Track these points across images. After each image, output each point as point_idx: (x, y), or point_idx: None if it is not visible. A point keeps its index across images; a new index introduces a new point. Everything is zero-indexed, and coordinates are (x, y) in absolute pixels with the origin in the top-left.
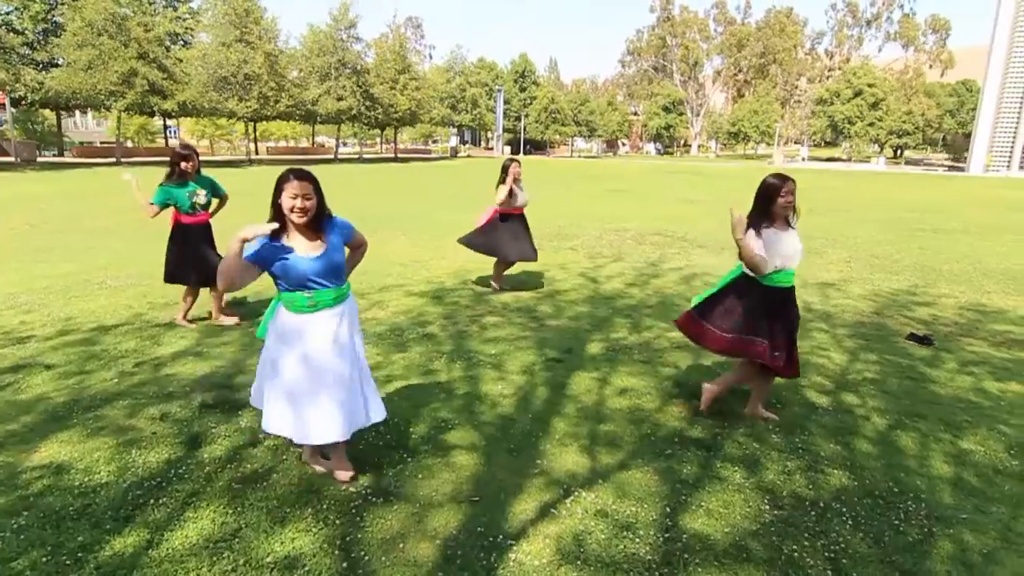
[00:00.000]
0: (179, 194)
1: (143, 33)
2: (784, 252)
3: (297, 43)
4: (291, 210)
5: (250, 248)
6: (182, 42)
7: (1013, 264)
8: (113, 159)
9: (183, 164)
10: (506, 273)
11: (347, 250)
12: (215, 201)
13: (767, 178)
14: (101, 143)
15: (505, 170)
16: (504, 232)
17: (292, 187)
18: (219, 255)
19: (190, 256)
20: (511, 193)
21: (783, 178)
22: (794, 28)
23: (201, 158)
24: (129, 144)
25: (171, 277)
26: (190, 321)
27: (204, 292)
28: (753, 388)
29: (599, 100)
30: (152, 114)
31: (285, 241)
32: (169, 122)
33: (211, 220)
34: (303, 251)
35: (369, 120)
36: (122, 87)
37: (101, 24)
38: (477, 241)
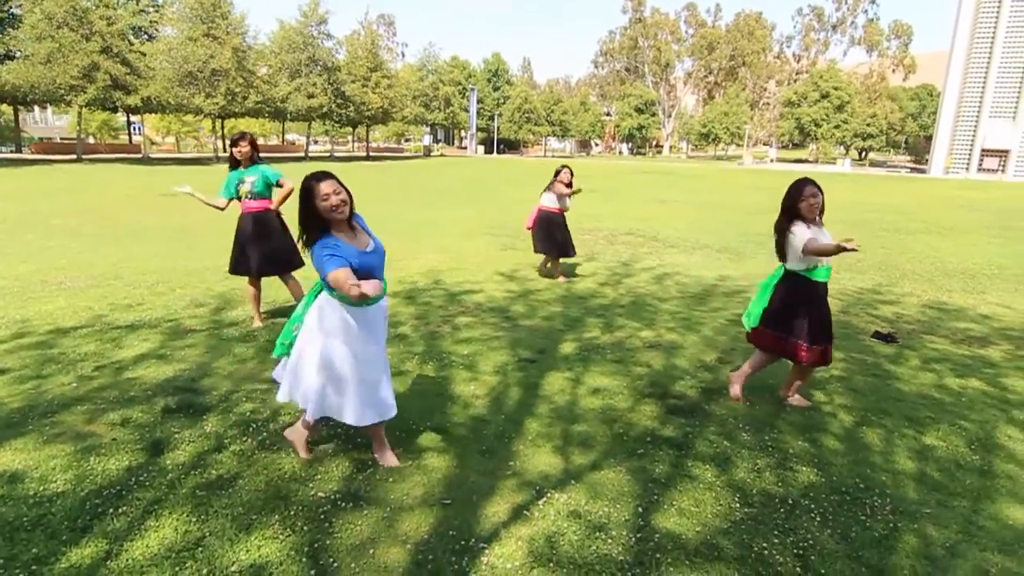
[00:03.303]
0: (228, 181)
1: (105, 26)
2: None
3: (266, 39)
4: (333, 208)
5: (335, 260)
6: (146, 36)
7: (972, 263)
8: (74, 156)
9: (233, 150)
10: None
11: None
12: (278, 190)
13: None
14: (61, 139)
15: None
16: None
17: (324, 187)
18: (283, 243)
19: (239, 244)
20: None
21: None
22: (763, 32)
23: (171, 155)
24: (91, 140)
25: (232, 268)
26: (262, 317)
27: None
28: (792, 373)
29: (572, 100)
30: (115, 110)
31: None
32: (133, 118)
33: (272, 208)
34: (357, 247)
35: (340, 118)
36: (83, 81)
37: (61, 16)
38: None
